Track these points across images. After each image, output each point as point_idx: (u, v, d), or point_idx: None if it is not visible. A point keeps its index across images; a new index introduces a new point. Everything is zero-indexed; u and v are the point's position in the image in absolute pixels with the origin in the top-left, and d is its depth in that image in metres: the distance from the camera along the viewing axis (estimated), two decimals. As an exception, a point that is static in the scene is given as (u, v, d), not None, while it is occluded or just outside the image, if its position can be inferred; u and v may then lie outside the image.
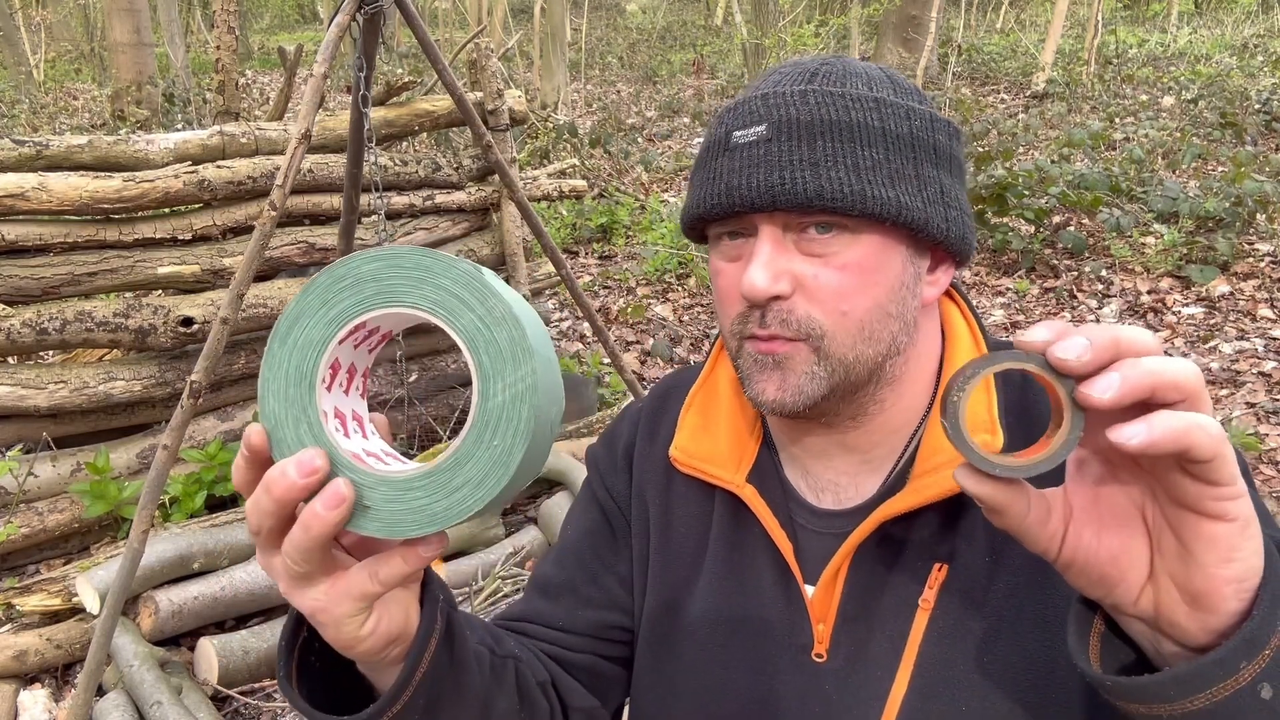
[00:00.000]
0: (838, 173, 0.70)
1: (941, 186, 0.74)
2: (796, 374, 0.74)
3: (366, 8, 2.01)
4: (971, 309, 0.85)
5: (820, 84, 0.74)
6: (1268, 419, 3.55)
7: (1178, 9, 16.20)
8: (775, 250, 0.72)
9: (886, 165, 0.71)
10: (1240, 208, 5.16)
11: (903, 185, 0.71)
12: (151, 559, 2.34)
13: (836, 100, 0.72)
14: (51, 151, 2.76)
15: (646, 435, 0.93)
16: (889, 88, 0.75)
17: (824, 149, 0.70)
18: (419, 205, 3.50)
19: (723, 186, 0.72)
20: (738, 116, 0.74)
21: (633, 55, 16.40)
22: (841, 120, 0.71)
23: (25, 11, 15.79)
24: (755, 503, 0.82)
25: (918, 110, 0.74)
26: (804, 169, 0.70)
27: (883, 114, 0.72)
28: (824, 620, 0.79)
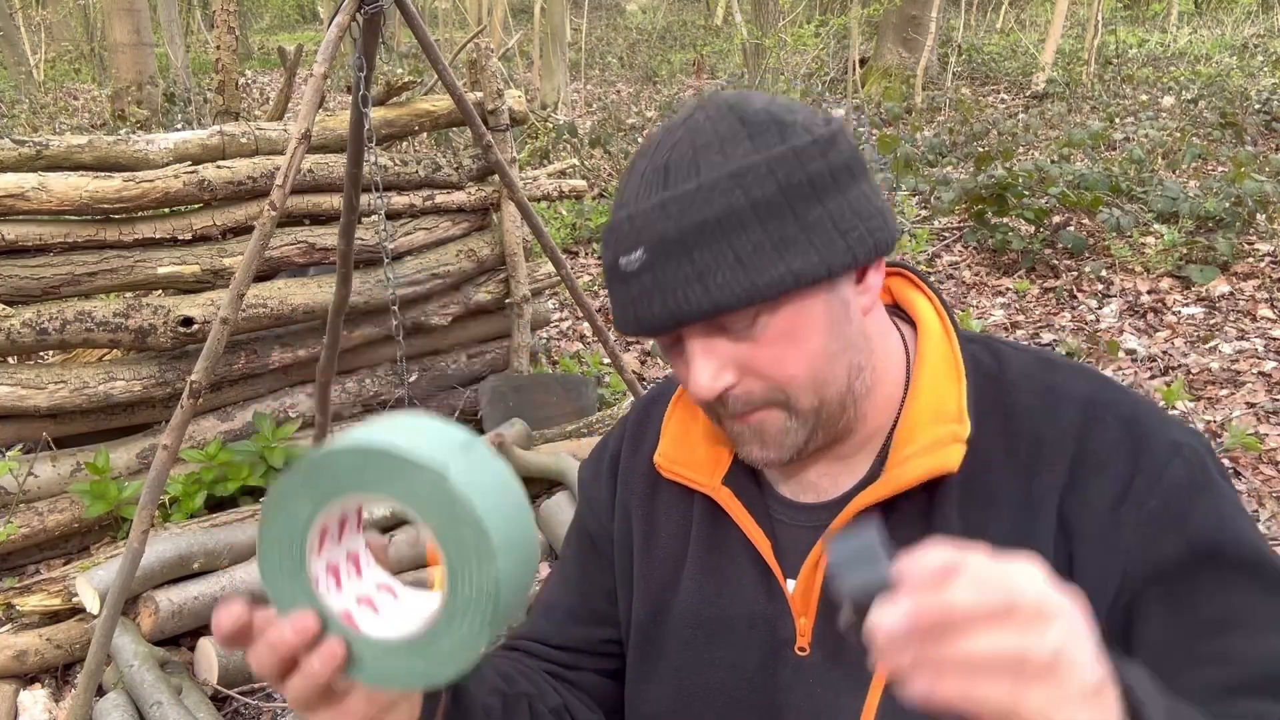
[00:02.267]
0: (724, 276, 0.69)
1: (832, 219, 0.71)
2: (775, 434, 0.77)
3: (366, 8, 2.01)
4: (935, 291, 0.86)
5: (675, 184, 0.70)
6: (1268, 419, 3.55)
7: (1178, 9, 16.20)
8: (706, 352, 0.73)
9: (768, 239, 0.69)
10: (1240, 208, 5.16)
11: (792, 250, 0.69)
12: (151, 559, 2.34)
13: (695, 199, 0.69)
14: (51, 151, 2.76)
15: (631, 444, 0.96)
16: (744, 141, 0.71)
17: (702, 257, 0.69)
18: (419, 205, 3.50)
19: (631, 316, 0.74)
20: (617, 242, 0.73)
21: (633, 55, 16.40)
22: (707, 219, 0.69)
23: (25, 11, 15.79)
24: (731, 503, 0.84)
25: (779, 157, 0.70)
26: (691, 285, 0.69)
27: (745, 186, 0.69)
28: (805, 614, 0.81)
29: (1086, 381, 0.79)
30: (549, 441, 3.29)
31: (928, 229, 5.94)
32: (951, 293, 5.18)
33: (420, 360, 3.66)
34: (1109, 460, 0.74)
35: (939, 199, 6.12)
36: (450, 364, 3.75)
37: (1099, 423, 0.76)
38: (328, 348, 2.71)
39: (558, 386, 3.64)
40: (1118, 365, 4.14)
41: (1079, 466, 0.75)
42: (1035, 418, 0.77)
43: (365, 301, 3.28)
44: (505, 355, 3.90)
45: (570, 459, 3.08)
